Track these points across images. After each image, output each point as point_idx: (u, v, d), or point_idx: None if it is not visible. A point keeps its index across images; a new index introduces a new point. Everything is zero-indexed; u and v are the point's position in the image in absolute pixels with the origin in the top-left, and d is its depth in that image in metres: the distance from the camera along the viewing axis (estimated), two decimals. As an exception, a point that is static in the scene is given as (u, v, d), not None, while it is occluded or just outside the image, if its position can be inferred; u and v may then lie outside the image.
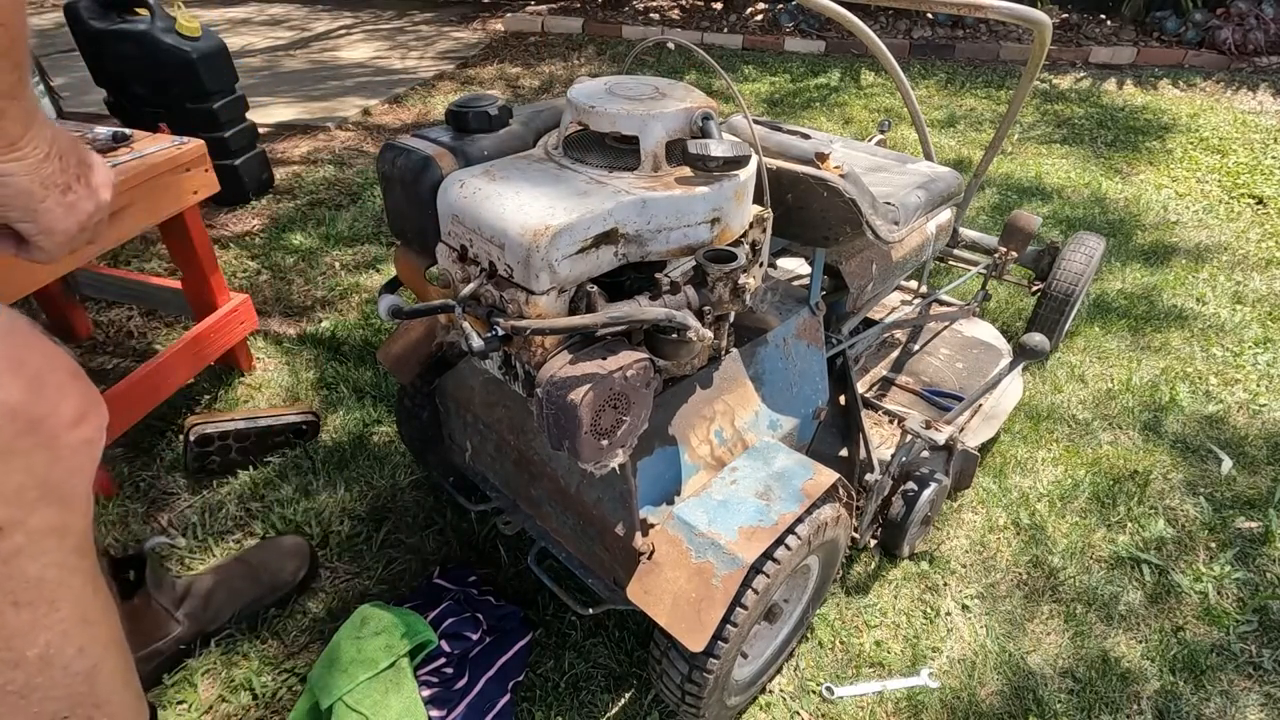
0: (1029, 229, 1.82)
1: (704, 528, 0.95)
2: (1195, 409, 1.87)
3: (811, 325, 1.24)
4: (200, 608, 1.23)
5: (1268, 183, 3.06)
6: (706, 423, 1.07)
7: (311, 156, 3.21)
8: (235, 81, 2.58)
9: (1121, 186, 3.05)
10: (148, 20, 2.34)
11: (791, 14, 5.11)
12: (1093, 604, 1.39)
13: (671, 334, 0.86)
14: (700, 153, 0.83)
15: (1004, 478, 1.66)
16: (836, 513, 1.09)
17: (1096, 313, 2.23)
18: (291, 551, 1.36)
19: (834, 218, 1.09)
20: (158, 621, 1.19)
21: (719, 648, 0.97)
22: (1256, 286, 2.38)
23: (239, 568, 1.31)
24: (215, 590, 1.25)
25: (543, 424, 0.81)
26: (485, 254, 0.83)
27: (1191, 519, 1.57)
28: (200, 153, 1.59)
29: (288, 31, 5.29)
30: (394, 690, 1.08)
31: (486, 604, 1.29)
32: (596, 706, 1.20)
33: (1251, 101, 3.97)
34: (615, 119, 0.85)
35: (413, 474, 1.61)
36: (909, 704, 1.22)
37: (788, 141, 1.12)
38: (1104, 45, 4.61)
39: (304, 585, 1.35)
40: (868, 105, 3.88)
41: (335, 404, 1.80)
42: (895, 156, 1.55)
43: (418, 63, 4.62)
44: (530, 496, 1.22)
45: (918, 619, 1.36)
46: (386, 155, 0.93)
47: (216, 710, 1.18)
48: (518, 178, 0.86)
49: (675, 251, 0.87)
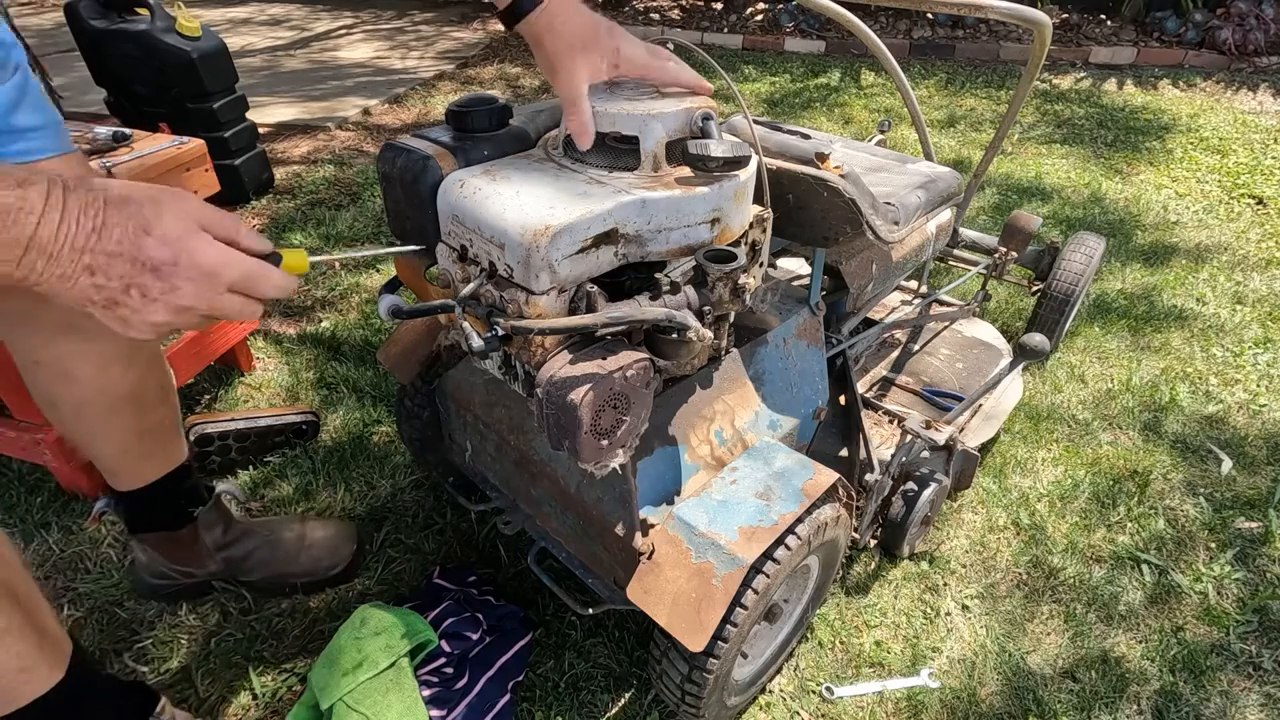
0: (1029, 229, 1.82)
1: (704, 528, 0.95)
2: (1195, 409, 1.87)
3: (811, 325, 1.24)
4: (238, 558, 1.31)
5: (1268, 183, 3.06)
6: (706, 423, 1.07)
7: (311, 156, 3.21)
8: (235, 81, 2.58)
9: (1121, 186, 3.05)
10: (148, 20, 2.35)
11: (791, 14, 5.11)
12: (1093, 604, 1.39)
13: (671, 334, 0.86)
14: (700, 153, 0.83)
15: (1004, 478, 1.66)
16: (836, 513, 1.09)
17: (1096, 313, 2.23)
18: (337, 545, 1.38)
19: (834, 218, 1.09)
20: (197, 554, 1.28)
21: (719, 648, 0.97)
22: (1256, 286, 2.38)
23: (287, 539, 1.35)
24: (257, 550, 1.32)
25: (543, 424, 0.81)
26: (485, 254, 0.83)
27: (1191, 519, 1.57)
28: (200, 152, 1.59)
29: (288, 31, 5.29)
30: (394, 690, 1.08)
31: (486, 604, 1.29)
32: (596, 706, 1.20)
33: (1251, 101, 3.97)
34: (615, 119, 0.84)
35: (413, 474, 1.61)
36: (909, 704, 1.22)
37: (788, 141, 1.12)
38: (1104, 45, 4.61)
39: (334, 581, 1.37)
40: (868, 105, 3.88)
41: (335, 404, 1.80)
42: (895, 156, 1.55)
43: (418, 63, 4.62)
44: (530, 496, 1.22)
45: (918, 619, 1.36)
46: (386, 155, 0.93)
47: (217, 710, 1.18)
48: (518, 178, 0.85)
49: (675, 252, 0.87)
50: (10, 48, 0.80)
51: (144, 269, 0.54)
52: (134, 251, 0.53)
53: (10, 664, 0.85)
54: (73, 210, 0.52)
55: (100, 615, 1.32)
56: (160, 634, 1.29)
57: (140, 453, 1.14)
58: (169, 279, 0.54)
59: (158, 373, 1.11)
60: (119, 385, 1.03)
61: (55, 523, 1.48)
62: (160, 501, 1.21)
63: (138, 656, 1.26)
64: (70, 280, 0.53)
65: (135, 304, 0.55)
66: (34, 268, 0.52)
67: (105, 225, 0.52)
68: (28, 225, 0.50)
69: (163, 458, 1.17)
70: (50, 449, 1.42)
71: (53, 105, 0.87)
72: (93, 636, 1.28)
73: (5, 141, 0.80)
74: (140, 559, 1.30)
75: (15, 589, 0.86)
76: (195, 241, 0.55)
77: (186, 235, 0.55)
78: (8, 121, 0.80)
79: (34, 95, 0.84)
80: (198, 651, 1.26)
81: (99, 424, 1.06)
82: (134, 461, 1.14)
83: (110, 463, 1.14)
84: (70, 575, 1.38)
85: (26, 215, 0.50)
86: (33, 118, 0.84)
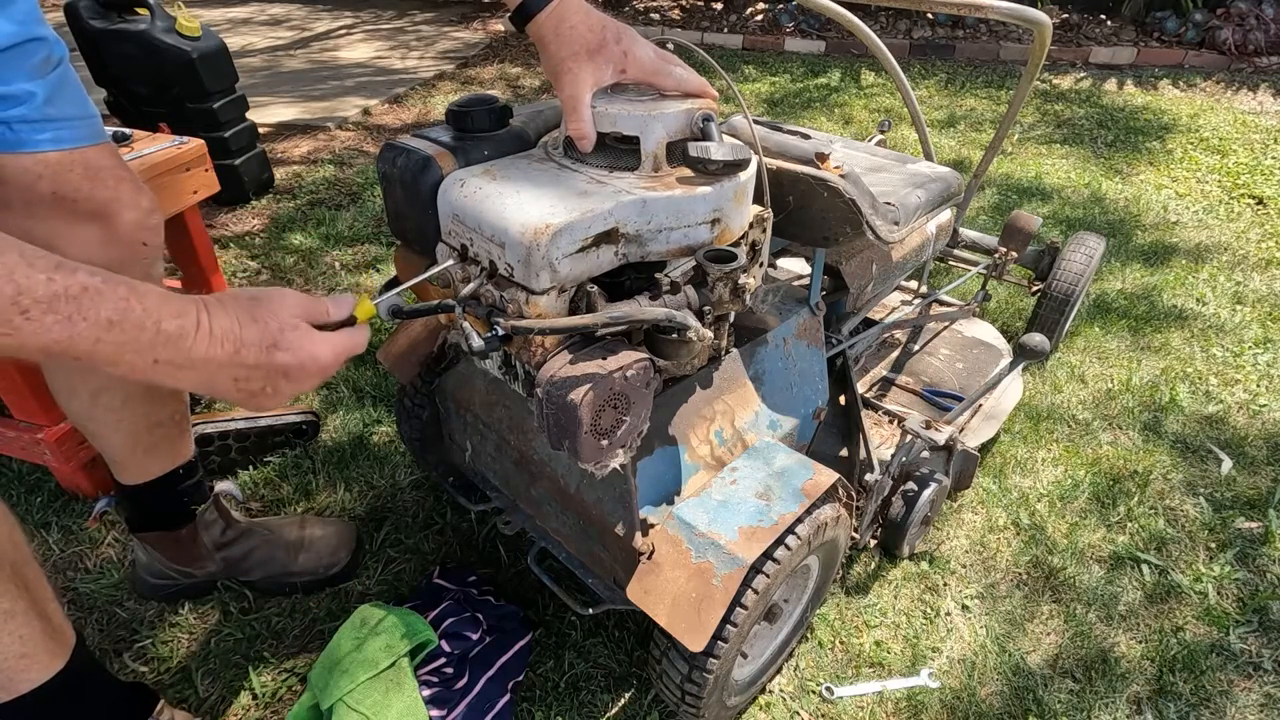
0: (1029, 229, 1.82)
1: (704, 528, 0.95)
2: (1195, 409, 1.87)
3: (811, 325, 1.24)
4: (237, 558, 1.32)
5: (1268, 183, 3.06)
6: (706, 423, 1.07)
7: (311, 156, 3.21)
8: (235, 81, 2.58)
9: (1121, 186, 3.05)
10: (148, 20, 2.35)
11: (791, 14, 5.11)
12: (1092, 604, 1.39)
13: (671, 334, 0.86)
14: (700, 155, 0.83)
15: (1004, 478, 1.66)
16: (836, 513, 1.09)
17: (1096, 313, 2.23)
18: (337, 545, 1.39)
19: (834, 218, 1.09)
20: (197, 554, 1.29)
21: (719, 648, 0.97)
22: (1256, 286, 2.38)
23: (287, 539, 1.36)
24: (257, 550, 1.33)
25: (543, 424, 0.81)
26: (485, 253, 0.83)
27: (1191, 519, 1.57)
28: (200, 152, 1.59)
29: (288, 31, 5.29)
30: (394, 690, 1.08)
31: (486, 604, 1.29)
32: (596, 706, 1.20)
33: (1251, 102, 3.97)
34: (616, 119, 0.85)
35: (413, 474, 1.61)
36: (909, 704, 1.22)
37: (788, 142, 1.12)
38: (1104, 45, 4.61)
39: (334, 581, 1.37)
40: (868, 105, 3.88)
41: (335, 404, 1.80)
42: (895, 156, 1.55)
43: (418, 63, 4.62)
44: (530, 496, 1.22)
45: (918, 619, 1.36)
46: (386, 155, 0.93)
47: (216, 710, 1.19)
48: (518, 177, 0.86)
49: (675, 251, 0.87)
50: (53, 44, 0.87)
51: (277, 374, 0.66)
52: (268, 364, 0.65)
53: (13, 648, 0.87)
54: (218, 335, 0.62)
55: (100, 615, 1.32)
56: (160, 634, 1.29)
57: (149, 445, 1.15)
58: (297, 378, 0.67)
59: None
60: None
61: (55, 523, 1.48)
62: (163, 498, 1.21)
63: (137, 656, 1.26)
64: (208, 385, 0.64)
65: (270, 395, 0.67)
66: (184, 379, 0.62)
67: (244, 344, 0.63)
68: (185, 345, 0.61)
69: (170, 453, 1.19)
70: (50, 449, 1.42)
71: (89, 99, 0.94)
72: (93, 636, 1.28)
73: (43, 129, 0.87)
74: (140, 559, 1.30)
75: (24, 574, 0.87)
76: (312, 346, 0.67)
77: (304, 341, 0.67)
78: (45, 111, 0.86)
79: (73, 88, 0.91)
80: (198, 651, 1.27)
81: (113, 413, 1.09)
82: (142, 454, 1.16)
83: (119, 454, 1.15)
84: (70, 575, 1.38)
85: (187, 339, 0.61)
86: (71, 109, 0.90)
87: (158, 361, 0.60)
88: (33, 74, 0.85)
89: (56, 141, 0.88)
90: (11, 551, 0.86)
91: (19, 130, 0.85)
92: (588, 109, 0.84)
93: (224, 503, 1.33)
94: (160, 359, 0.60)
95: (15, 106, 0.84)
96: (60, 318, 0.55)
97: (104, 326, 0.56)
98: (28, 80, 0.84)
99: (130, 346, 0.58)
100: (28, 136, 0.86)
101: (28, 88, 0.84)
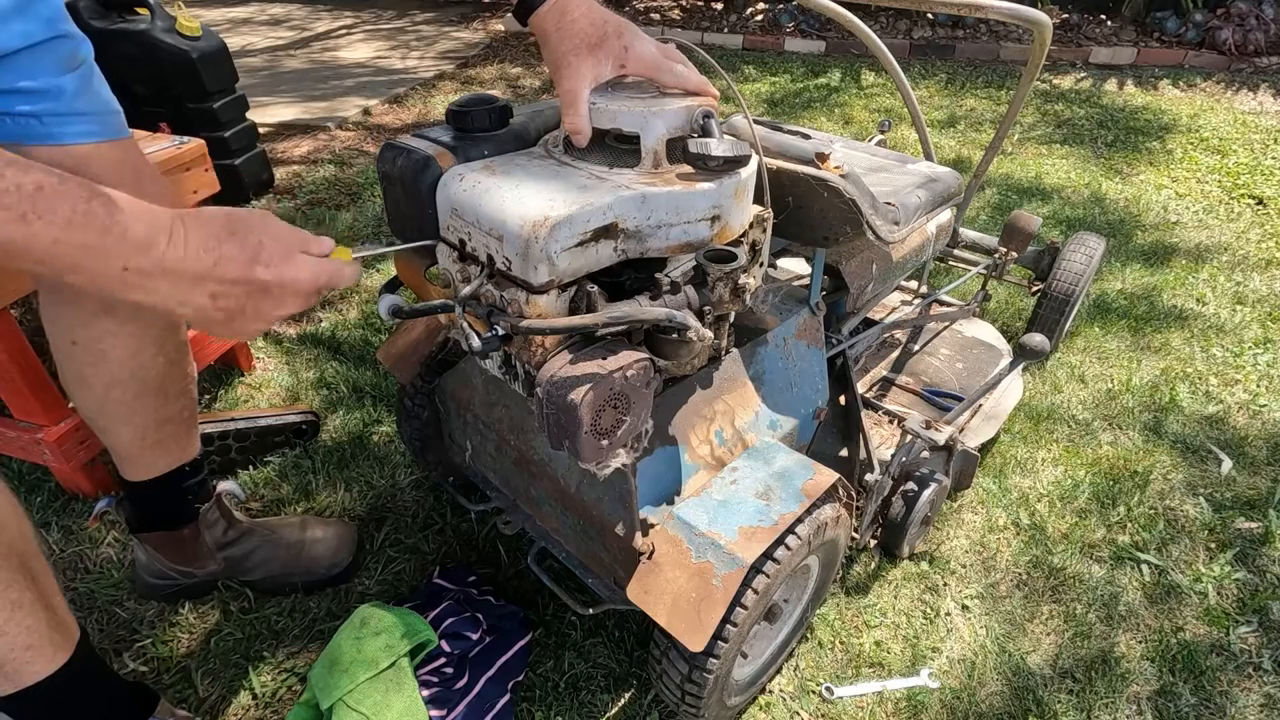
0: (1029, 229, 1.82)
1: (704, 528, 0.95)
2: (1195, 409, 1.87)
3: (811, 325, 1.24)
4: (238, 558, 1.33)
5: (1268, 183, 3.06)
6: (706, 423, 1.07)
7: (311, 156, 3.21)
8: (235, 81, 2.58)
9: (1121, 187, 3.05)
10: (148, 20, 2.34)
11: (792, 14, 5.11)
12: (1093, 604, 1.39)
13: (672, 334, 0.86)
14: (701, 151, 0.83)
15: (1004, 478, 1.66)
16: (836, 513, 1.09)
17: (1096, 313, 2.23)
18: (337, 545, 1.39)
19: (834, 218, 1.09)
20: (198, 553, 1.30)
21: (719, 648, 0.97)
22: (1256, 287, 2.38)
23: (287, 539, 1.36)
24: (257, 550, 1.34)
25: (543, 424, 0.81)
26: (484, 247, 0.82)
27: (1191, 519, 1.57)
28: (200, 152, 1.59)
29: (288, 31, 5.29)
30: (394, 690, 1.08)
31: (486, 604, 1.29)
32: (596, 706, 1.20)
33: (1251, 102, 3.97)
34: (616, 116, 0.84)
35: (413, 474, 1.61)
36: (909, 704, 1.22)
37: (788, 141, 1.12)
38: (1104, 45, 4.62)
39: (334, 581, 1.37)
40: (868, 105, 3.88)
41: (335, 404, 1.80)
42: (895, 156, 1.55)
43: (418, 63, 4.62)
44: (530, 496, 1.22)
45: (918, 619, 1.36)
46: (386, 155, 0.93)
47: (216, 710, 1.18)
48: (518, 172, 0.85)
49: (675, 248, 0.87)
50: (80, 42, 0.90)
51: (257, 291, 0.64)
52: (248, 279, 0.63)
53: (20, 639, 0.87)
54: (195, 244, 0.60)
55: (100, 615, 1.32)
56: (160, 634, 1.29)
57: (157, 441, 1.16)
58: (278, 298, 0.66)
59: (184, 363, 1.15)
60: (149, 369, 1.08)
61: (55, 523, 1.48)
62: (168, 495, 1.21)
63: (137, 656, 1.26)
64: (183, 300, 0.62)
65: (249, 318, 0.66)
66: (156, 290, 0.60)
67: (223, 258, 0.61)
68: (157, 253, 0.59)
69: (177, 449, 1.19)
70: (50, 449, 1.41)
71: (113, 96, 0.96)
72: (93, 636, 1.28)
73: (72, 122, 0.89)
74: (140, 558, 1.30)
75: (32, 566, 0.88)
76: (295, 267, 0.66)
77: (286, 259, 0.66)
78: (71, 105, 0.88)
79: (99, 84, 0.94)
80: (198, 651, 1.26)
81: (123, 407, 1.10)
82: (149, 450, 1.16)
83: (127, 449, 1.15)
84: (70, 575, 1.38)
85: (158, 246, 0.59)
86: (97, 104, 0.93)
87: (127, 269, 0.58)
88: (61, 70, 0.87)
89: (84, 135, 0.90)
90: (21, 544, 0.87)
91: (49, 123, 0.87)
92: (585, 104, 0.84)
93: (226, 502, 1.33)
94: (130, 266, 0.58)
95: (45, 101, 0.86)
96: (12, 214, 0.53)
97: (61, 225, 0.54)
98: (57, 76, 0.86)
99: (94, 251, 0.56)
100: (57, 130, 0.88)
101: (57, 83, 0.87)
